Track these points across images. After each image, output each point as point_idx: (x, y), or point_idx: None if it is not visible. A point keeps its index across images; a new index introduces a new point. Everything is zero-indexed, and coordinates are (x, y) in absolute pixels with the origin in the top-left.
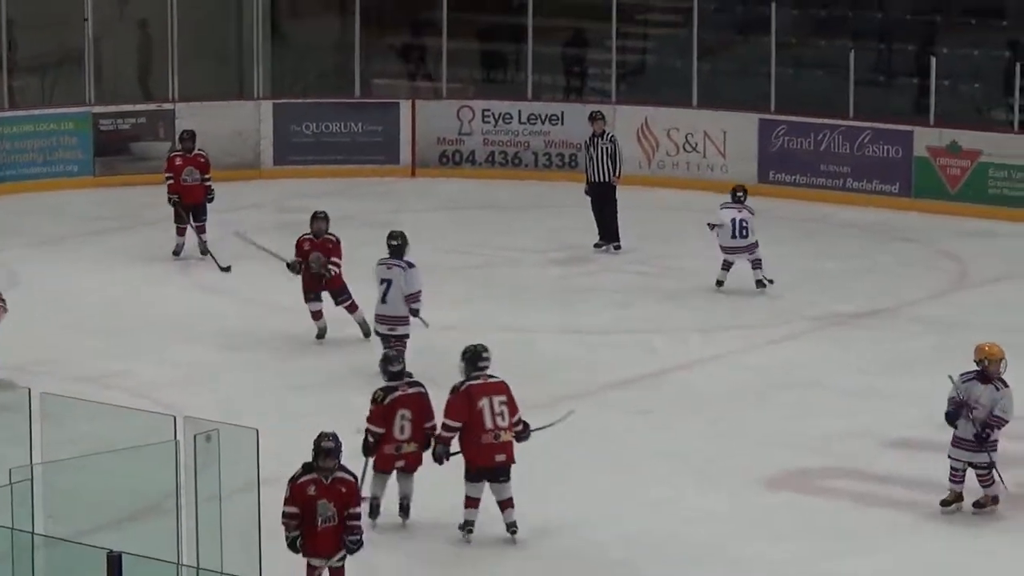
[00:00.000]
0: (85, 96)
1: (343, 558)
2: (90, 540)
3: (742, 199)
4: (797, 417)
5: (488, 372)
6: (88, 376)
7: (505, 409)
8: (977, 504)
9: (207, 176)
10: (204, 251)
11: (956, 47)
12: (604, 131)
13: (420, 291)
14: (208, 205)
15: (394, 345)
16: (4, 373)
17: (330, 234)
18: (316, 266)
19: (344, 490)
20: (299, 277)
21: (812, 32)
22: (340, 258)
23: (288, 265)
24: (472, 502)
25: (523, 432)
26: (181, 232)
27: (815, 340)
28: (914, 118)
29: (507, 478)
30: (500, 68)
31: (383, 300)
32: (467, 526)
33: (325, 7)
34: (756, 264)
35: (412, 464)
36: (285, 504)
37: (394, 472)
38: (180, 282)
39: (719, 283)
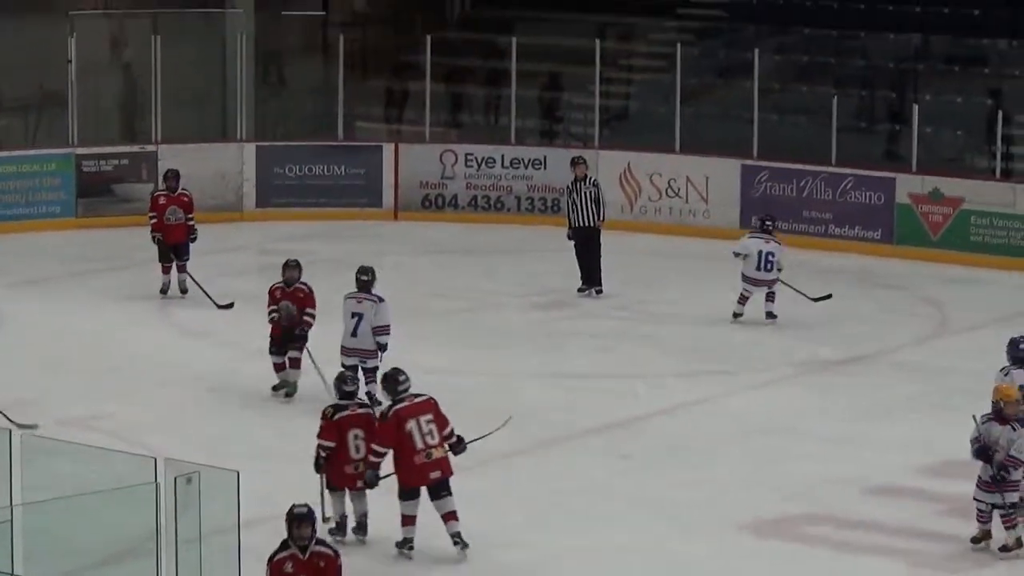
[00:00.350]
0: (68, 137)
1: None
2: None
3: (770, 229)
4: (778, 463)
5: (412, 392)
6: (69, 418)
7: (434, 427)
8: (1003, 548)
9: (190, 216)
10: (184, 290)
11: (938, 94)
12: (587, 175)
13: (389, 325)
14: (191, 245)
15: (367, 379)
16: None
17: (302, 283)
18: (285, 314)
19: (323, 564)
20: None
21: (795, 78)
22: (314, 308)
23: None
24: (408, 520)
25: (458, 445)
26: (166, 271)
27: (797, 386)
28: (896, 165)
29: (448, 492)
30: (482, 113)
31: (353, 334)
32: (406, 544)
33: (309, 50)
34: (770, 296)
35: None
36: None
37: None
38: (162, 324)
39: (736, 316)
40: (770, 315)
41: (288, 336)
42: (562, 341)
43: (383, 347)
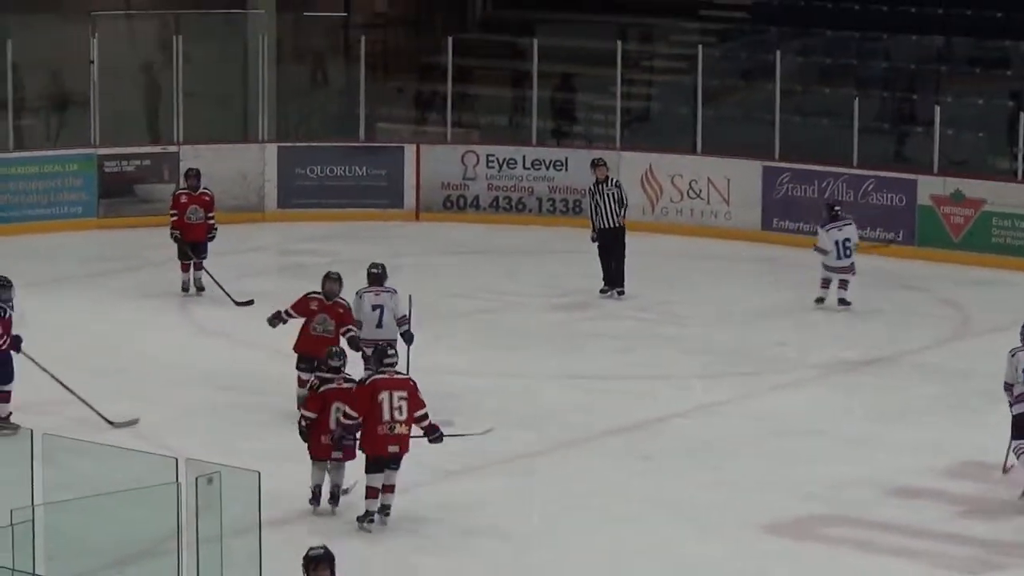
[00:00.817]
0: (90, 138)
1: None
2: None
3: (839, 213)
4: (798, 464)
5: (396, 369)
6: (90, 417)
7: (404, 404)
8: None
9: (211, 214)
10: (201, 287)
11: (960, 96)
12: (608, 177)
13: (405, 315)
14: (209, 243)
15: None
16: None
17: (341, 299)
18: (321, 329)
19: None
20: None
21: (817, 80)
22: (354, 325)
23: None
24: (372, 492)
25: (433, 432)
26: (186, 268)
27: (817, 387)
28: (918, 166)
29: (396, 466)
30: (504, 114)
31: (379, 325)
32: (367, 516)
33: (331, 52)
34: (844, 284)
35: (347, 455)
36: None
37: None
38: (183, 324)
39: (819, 300)
40: (843, 301)
41: (321, 345)
42: (583, 342)
43: (410, 337)
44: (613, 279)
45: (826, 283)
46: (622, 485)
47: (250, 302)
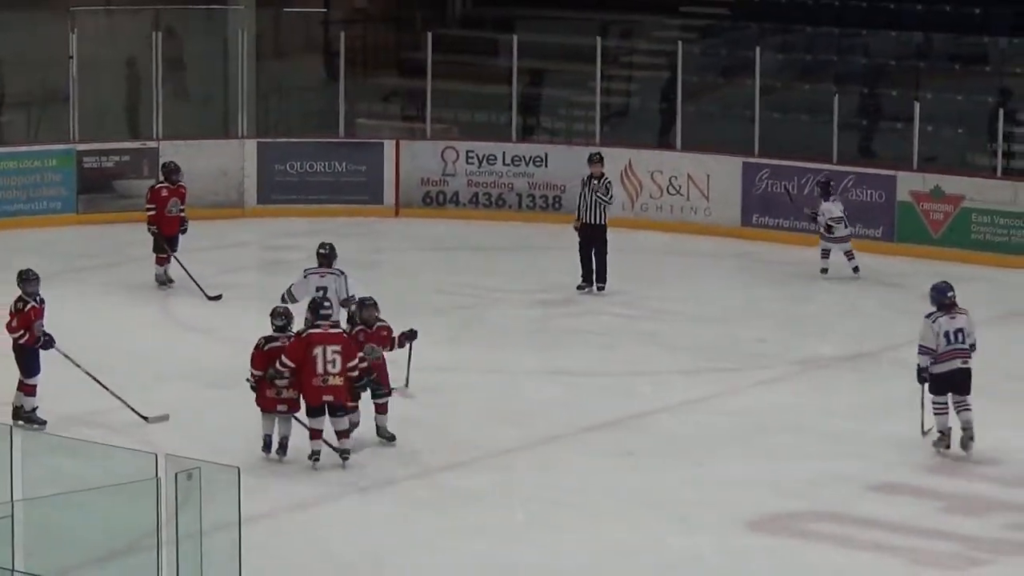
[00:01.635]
0: (69, 133)
1: None
2: None
3: (833, 188)
4: (780, 460)
5: (332, 322)
6: (70, 413)
7: (338, 358)
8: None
9: (183, 207)
10: (170, 280)
11: (940, 92)
12: (603, 174)
13: (355, 295)
14: (181, 236)
15: None
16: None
17: (382, 320)
18: (372, 358)
19: None
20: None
21: (796, 76)
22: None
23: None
24: (315, 434)
25: (358, 381)
26: (162, 262)
27: (798, 383)
28: (897, 163)
29: (343, 413)
30: (483, 110)
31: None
32: (314, 455)
33: (310, 47)
34: (851, 254)
35: (291, 407)
36: None
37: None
38: (162, 320)
39: (824, 271)
40: (856, 269)
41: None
42: (564, 338)
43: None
44: (592, 275)
45: (826, 253)
46: (604, 481)
47: (218, 296)
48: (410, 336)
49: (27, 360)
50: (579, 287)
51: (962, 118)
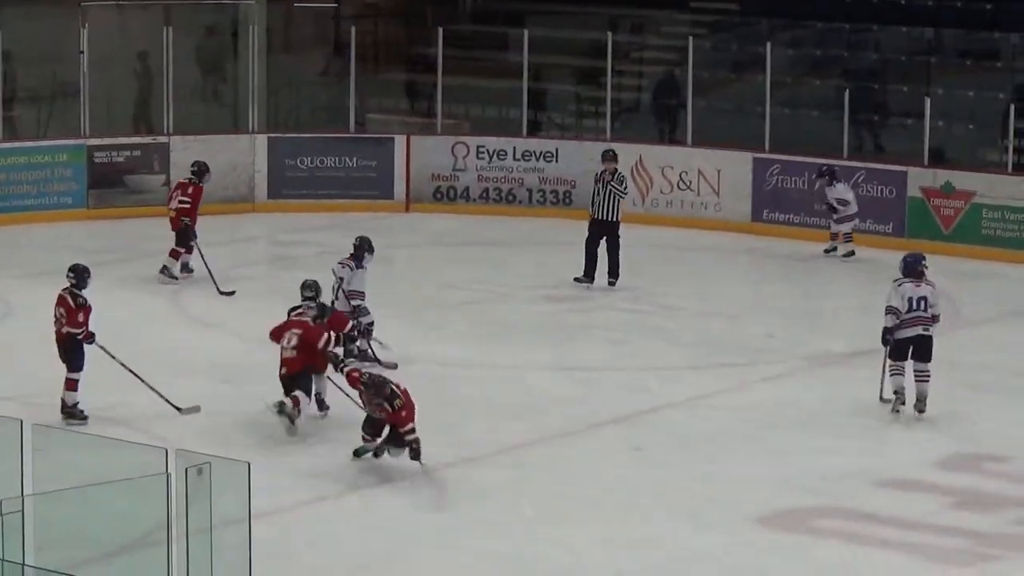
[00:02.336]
0: (80, 128)
1: None
2: (81, 573)
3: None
4: (790, 456)
5: (310, 305)
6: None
7: (295, 338)
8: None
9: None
10: (181, 274)
11: (951, 88)
12: (616, 170)
13: (362, 292)
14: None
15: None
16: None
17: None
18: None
19: None
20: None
21: (807, 72)
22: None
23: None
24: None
25: (336, 359)
26: (190, 251)
27: (808, 379)
28: (908, 158)
29: (297, 386)
30: (494, 105)
31: (337, 297)
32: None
33: (321, 42)
34: (848, 237)
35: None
36: None
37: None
38: (173, 315)
39: (850, 254)
40: (851, 253)
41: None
42: (573, 334)
43: (355, 310)
44: (595, 270)
45: (848, 237)
46: (614, 476)
47: (232, 292)
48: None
49: (78, 355)
50: (577, 279)
51: (973, 114)
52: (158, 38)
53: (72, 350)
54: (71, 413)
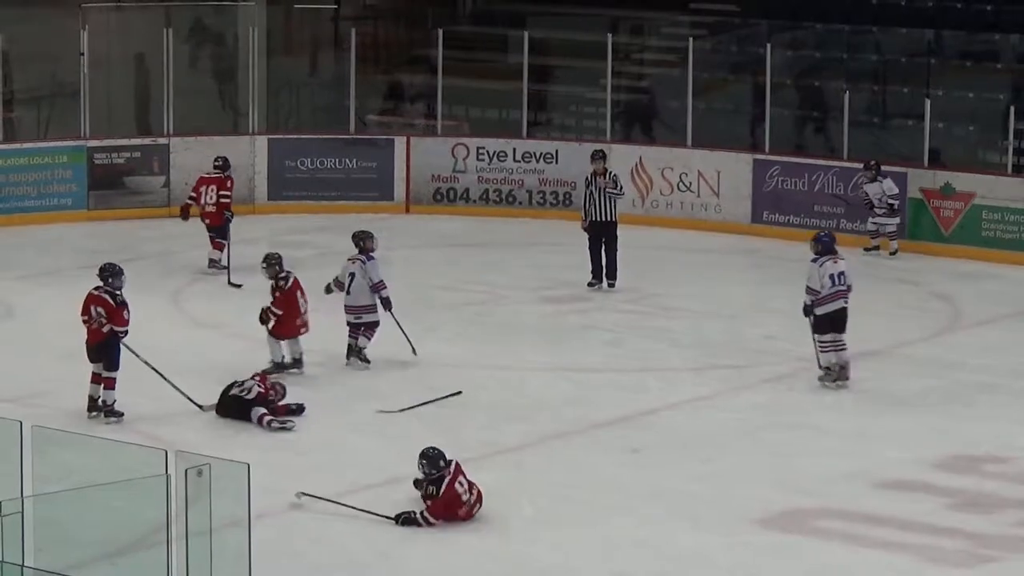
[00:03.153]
0: (80, 130)
1: None
2: (80, 574)
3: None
4: (789, 457)
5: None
6: (80, 409)
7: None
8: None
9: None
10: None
11: (951, 89)
12: (606, 170)
13: (382, 280)
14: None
15: (364, 333)
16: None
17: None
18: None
19: None
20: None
21: (807, 73)
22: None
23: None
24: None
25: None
26: (220, 247)
27: (807, 380)
28: (908, 160)
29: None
30: (493, 106)
31: (348, 292)
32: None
33: (321, 44)
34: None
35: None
36: None
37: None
38: (173, 316)
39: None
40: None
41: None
42: (573, 335)
43: (385, 302)
44: (602, 272)
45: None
46: (613, 477)
47: (239, 286)
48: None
49: (115, 353)
50: (589, 284)
51: (973, 115)
52: (158, 40)
53: (112, 348)
54: (110, 411)
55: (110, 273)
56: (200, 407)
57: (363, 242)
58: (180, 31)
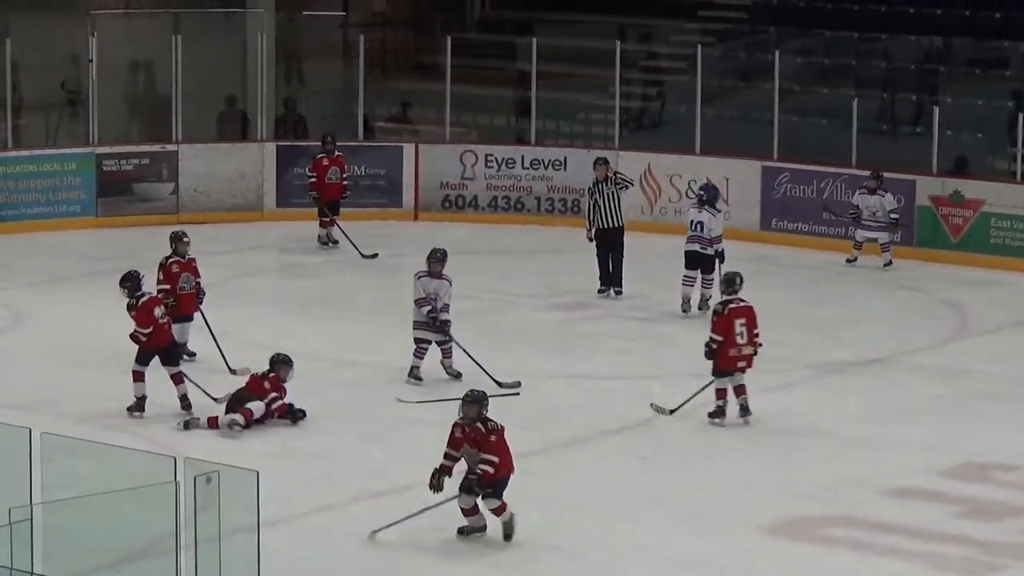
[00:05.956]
0: (89, 137)
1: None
2: None
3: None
4: (796, 465)
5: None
6: (89, 416)
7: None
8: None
9: (345, 175)
10: (335, 240)
11: (959, 96)
12: (608, 176)
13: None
14: (342, 200)
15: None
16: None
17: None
18: (470, 460)
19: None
20: None
21: (815, 80)
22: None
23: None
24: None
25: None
26: (325, 225)
27: (815, 388)
28: (916, 167)
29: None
30: (502, 113)
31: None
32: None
33: (329, 51)
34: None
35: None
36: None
37: None
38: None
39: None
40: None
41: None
42: (581, 342)
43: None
44: (611, 279)
45: (885, 247)
46: (621, 485)
47: (375, 255)
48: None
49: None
50: (599, 291)
51: (981, 123)
52: (167, 47)
53: (173, 348)
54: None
55: (136, 281)
56: (215, 399)
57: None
58: (189, 37)
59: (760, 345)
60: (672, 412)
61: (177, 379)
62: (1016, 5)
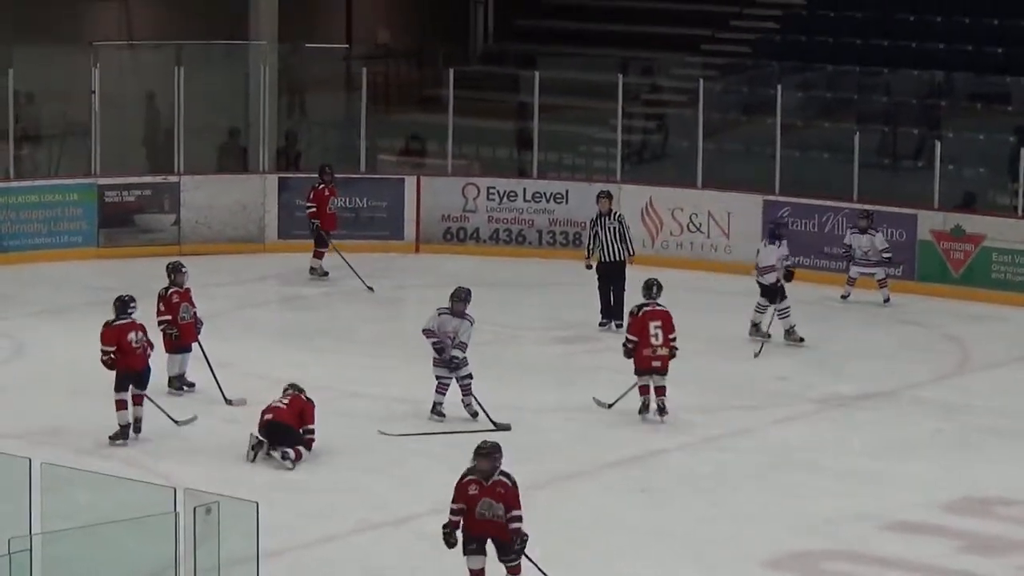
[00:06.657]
0: (91, 168)
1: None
2: None
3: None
4: (798, 499)
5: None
6: (89, 446)
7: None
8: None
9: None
10: (323, 273)
11: (961, 131)
12: (611, 210)
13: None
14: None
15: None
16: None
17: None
18: (490, 515)
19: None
20: None
21: (817, 114)
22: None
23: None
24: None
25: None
26: (319, 255)
27: (816, 421)
28: (918, 201)
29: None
30: (504, 146)
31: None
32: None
33: (332, 83)
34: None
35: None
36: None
37: None
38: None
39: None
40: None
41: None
42: (582, 375)
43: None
44: (612, 312)
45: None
46: (622, 518)
47: (370, 289)
48: None
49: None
50: (600, 324)
51: (983, 157)
52: (170, 78)
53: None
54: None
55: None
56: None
57: (465, 303)
58: (192, 69)
59: (676, 348)
60: (610, 406)
61: (137, 400)
62: (1018, 40)
